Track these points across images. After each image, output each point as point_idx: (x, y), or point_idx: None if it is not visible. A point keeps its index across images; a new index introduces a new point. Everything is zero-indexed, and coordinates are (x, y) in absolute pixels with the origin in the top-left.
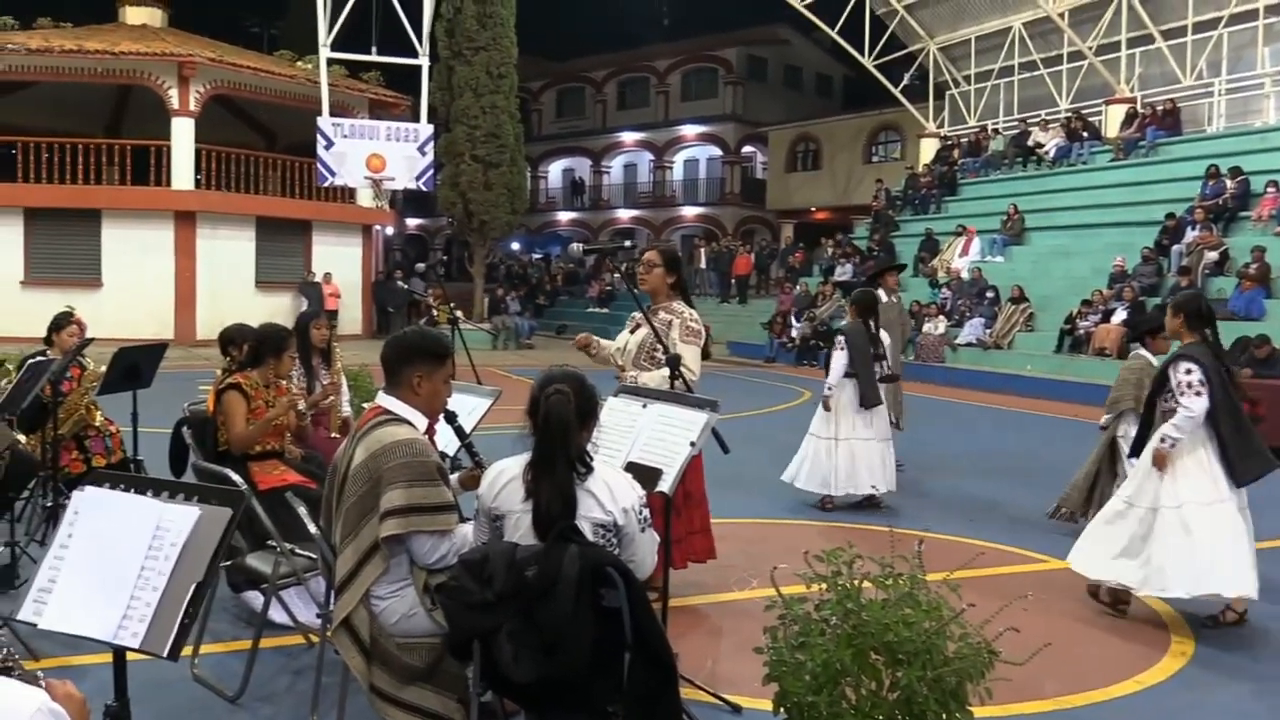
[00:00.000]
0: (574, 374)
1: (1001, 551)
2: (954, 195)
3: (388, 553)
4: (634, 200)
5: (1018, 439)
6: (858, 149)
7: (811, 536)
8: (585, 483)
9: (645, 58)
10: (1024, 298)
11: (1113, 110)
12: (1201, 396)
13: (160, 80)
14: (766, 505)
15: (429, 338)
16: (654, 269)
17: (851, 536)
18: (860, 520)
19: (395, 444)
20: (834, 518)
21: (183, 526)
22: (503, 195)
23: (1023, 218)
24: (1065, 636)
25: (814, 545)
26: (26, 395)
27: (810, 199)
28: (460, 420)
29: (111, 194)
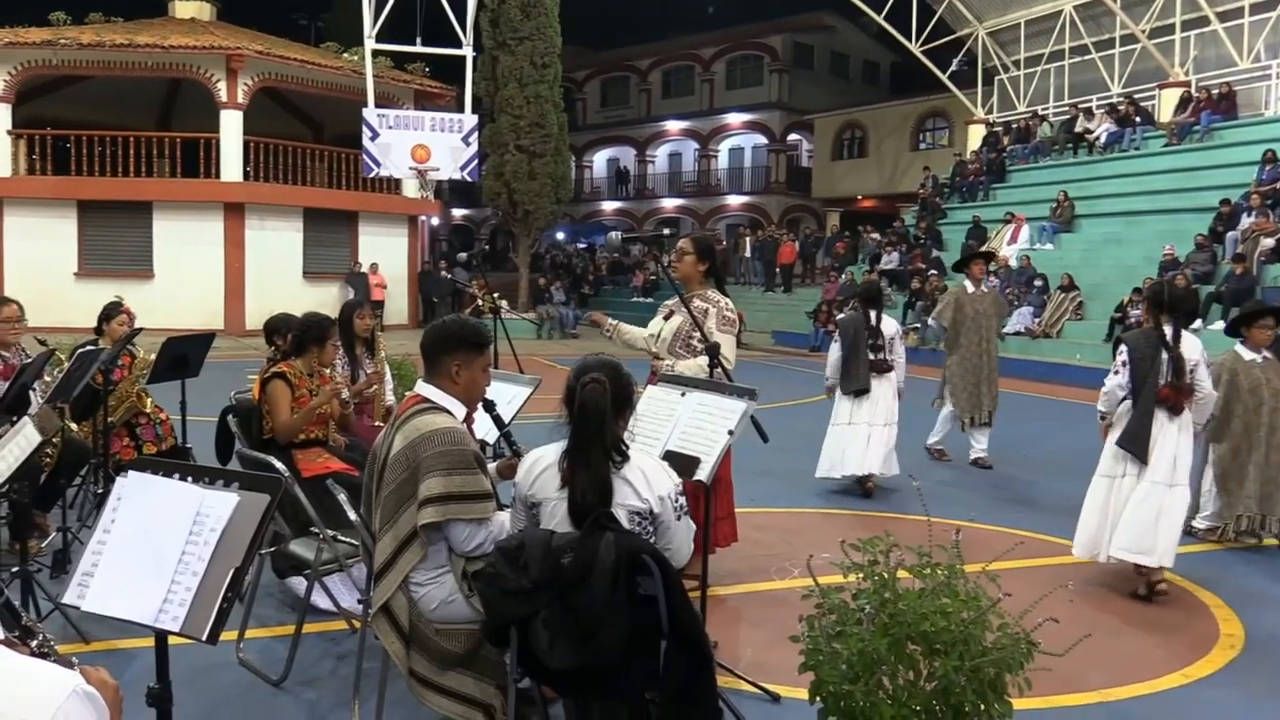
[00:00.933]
0: (610, 362)
1: (1044, 542)
2: (1003, 182)
3: (426, 540)
4: (679, 189)
5: (1065, 429)
6: (905, 136)
7: (849, 526)
8: (621, 470)
9: (690, 46)
10: (1073, 286)
11: (1166, 94)
12: (1117, 375)
13: (209, 73)
14: (805, 495)
15: (467, 326)
16: (685, 257)
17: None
18: (899, 510)
19: (433, 432)
20: (873, 507)
21: (222, 512)
22: (547, 185)
23: (1072, 204)
24: (1109, 627)
25: (851, 534)
26: (76, 384)
27: (856, 187)
28: (499, 409)
29: (162, 186)
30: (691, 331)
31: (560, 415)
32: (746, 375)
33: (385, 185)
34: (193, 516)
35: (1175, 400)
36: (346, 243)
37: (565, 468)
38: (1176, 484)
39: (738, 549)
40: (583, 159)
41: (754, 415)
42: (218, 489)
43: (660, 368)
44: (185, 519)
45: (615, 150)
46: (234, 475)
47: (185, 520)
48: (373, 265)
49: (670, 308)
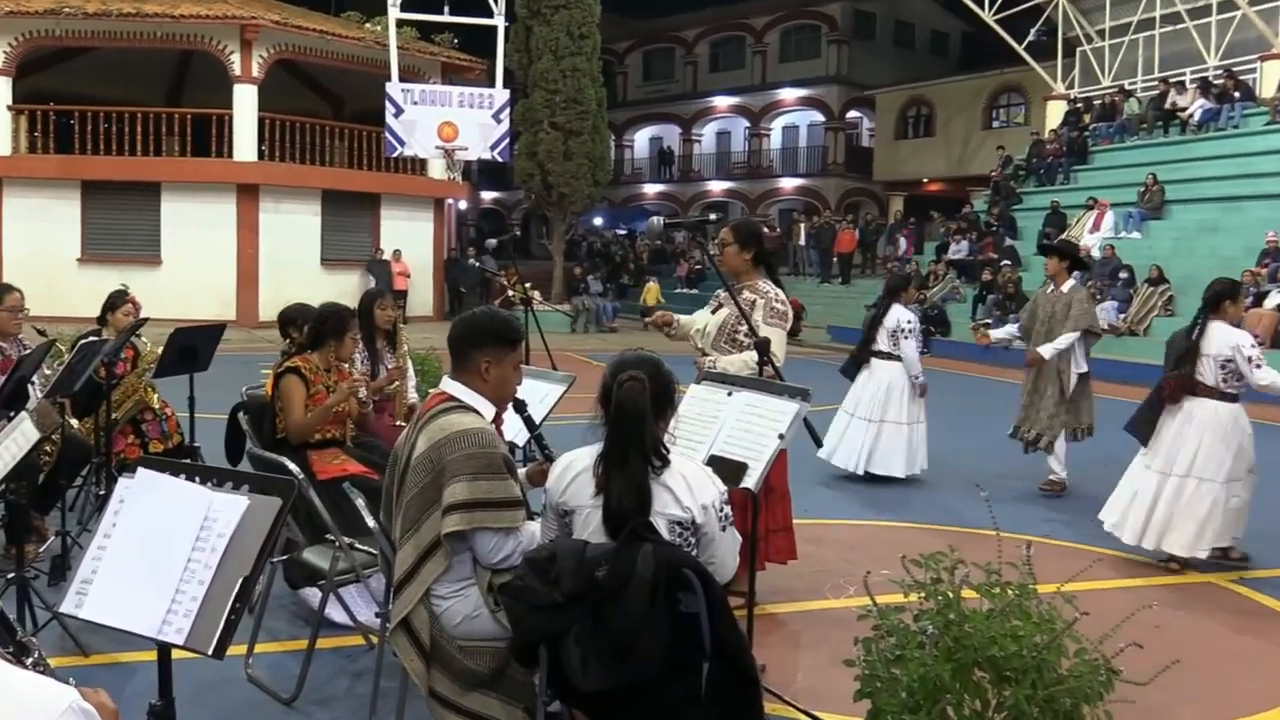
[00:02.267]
0: (649, 358)
1: (1125, 560)
2: (1084, 164)
3: (450, 550)
4: (727, 171)
5: None
6: (976, 113)
7: (910, 539)
8: (661, 476)
9: (740, 15)
10: (1163, 278)
11: (1269, 67)
12: None
13: (222, 45)
14: (863, 505)
15: (499, 319)
16: (726, 248)
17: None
18: (965, 523)
19: (460, 433)
20: (937, 519)
21: (231, 516)
22: (584, 166)
23: (1162, 189)
24: (1202, 654)
25: (913, 549)
26: (78, 378)
27: (922, 169)
28: (530, 409)
29: (171, 166)
30: (738, 325)
31: (596, 416)
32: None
33: (409, 166)
34: (200, 520)
35: (1173, 391)
36: (367, 227)
37: (600, 473)
38: (1186, 476)
39: (789, 563)
40: (623, 138)
41: (807, 418)
42: (227, 491)
43: (704, 365)
44: (192, 523)
45: (658, 128)
46: (244, 477)
47: (192, 524)
48: (395, 252)
49: (720, 299)
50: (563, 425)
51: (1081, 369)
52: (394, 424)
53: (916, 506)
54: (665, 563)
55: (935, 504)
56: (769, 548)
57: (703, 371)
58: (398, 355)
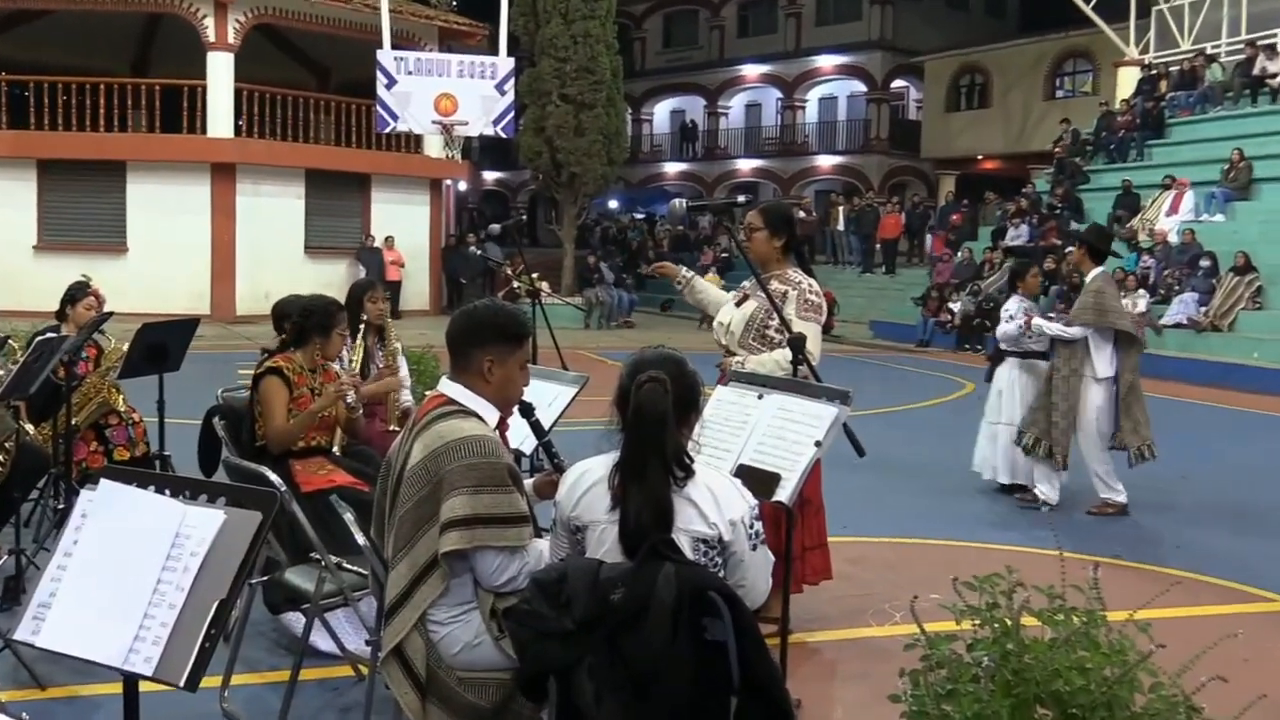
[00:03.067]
0: (672, 357)
1: (1206, 584)
2: (1160, 138)
3: (448, 571)
4: (757, 148)
5: (1236, 445)
6: (1037, 82)
7: (963, 560)
8: (684, 489)
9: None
10: (1250, 267)
11: None
12: None
13: (194, 8)
14: (911, 520)
15: (503, 313)
16: (755, 233)
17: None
18: (1025, 541)
19: (460, 441)
20: (993, 537)
21: (205, 533)
22: (598, 143)
23: (1250, 166)
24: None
25: (966, 571)
26: (35, 378)
27: (976, 145)
28: (538, 413)
29: (137, 143)
30: (768, 320)
31: (611, 421)
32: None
33: (403, 143)
34: (171, 537)
35: None
36: (357, 212)
37: (617, 485)
38: None
39: (827, 586)
40: (641, 111)
41: (847, 423)
42: (201, 504)
43: (731, 365)
44: (162, 540)
45: (680, 100)
46: (221, 488)
47: (162, 542)
48: (388, 239)
49: (745, 291)
50: (574, 431)
51: (1102, 374)
52: (386, 430)
53: (969, 523)
54: (689, 585)
55: (991, 520)
56: (803, 568)
57: (730, 372)
58: (388, 353)
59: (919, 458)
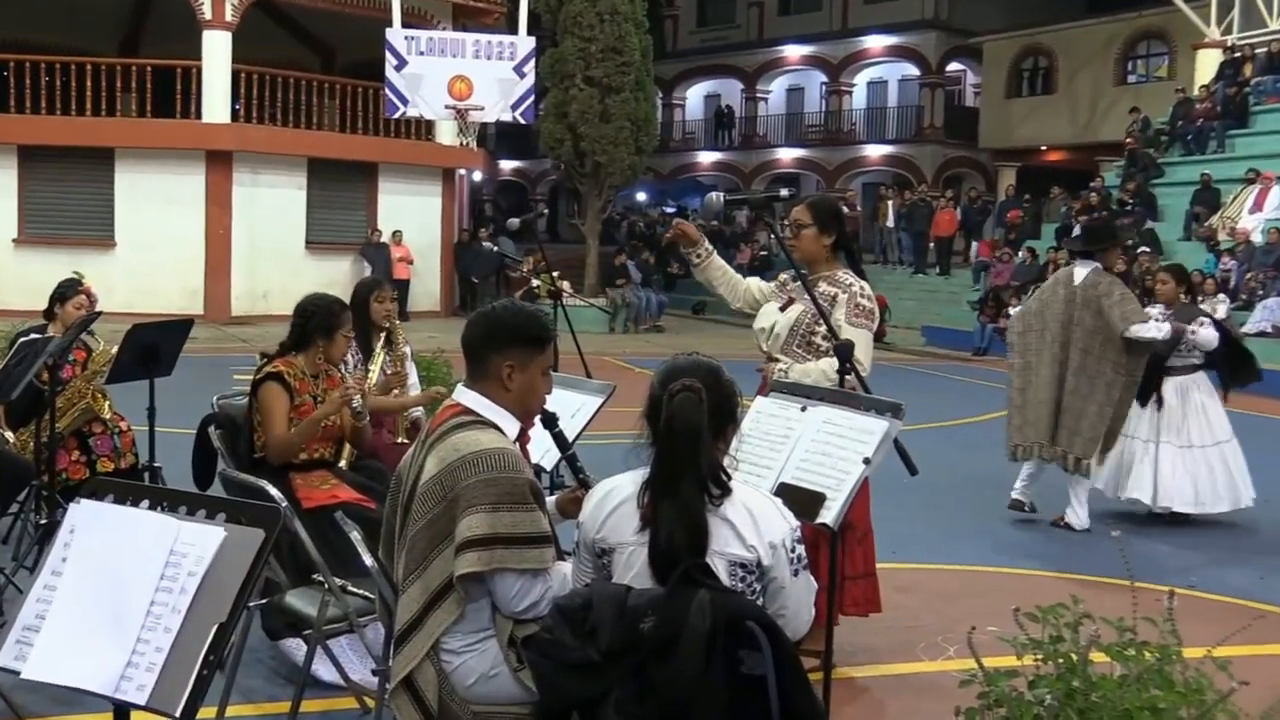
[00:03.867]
0: (707, 364)
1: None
2: (1243, 128)
3: (464, 595)
4: (799, 136)
5: None
6: (1107, 66)
7: (1024, 588)
8: (720, 509)
9: None
10: None
11: None
12: None
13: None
14: (968, 545)
15: (523, 315)
16: (802, 230)
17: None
18: (1092, 569)
19: (477, 455)
20: (1056, 564)
21: (203, 551)
22: (625, 129)
23: None
24: None
25: (1027, 600)
26: (17, 382)
27: (1039, 134)
28: (561, 425)
29: (126, 128)
30: (814, 325)
31: (640, 434)
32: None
33: (414, 129)
34: (166, 555)
35: None
36: (362, 204)
37: (646, 504)
38: None
39: (874, 617)
40: (672, 95)
41: (898, 438)
42: (199, 520)
43: (772, 373)
44: (156, 559)
45: (715, 84)
46: (219, 503)
47: (156, 561)
48: (396, 234)
49: (789, 293)
50: (600, 445)
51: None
52: (394, 442)
53: (1031, 548)
54: (724, 613)
55: (1054, 545)
56: (848, 597)
57: (771, 381)
58: (395, 358)
59: (976, 477)
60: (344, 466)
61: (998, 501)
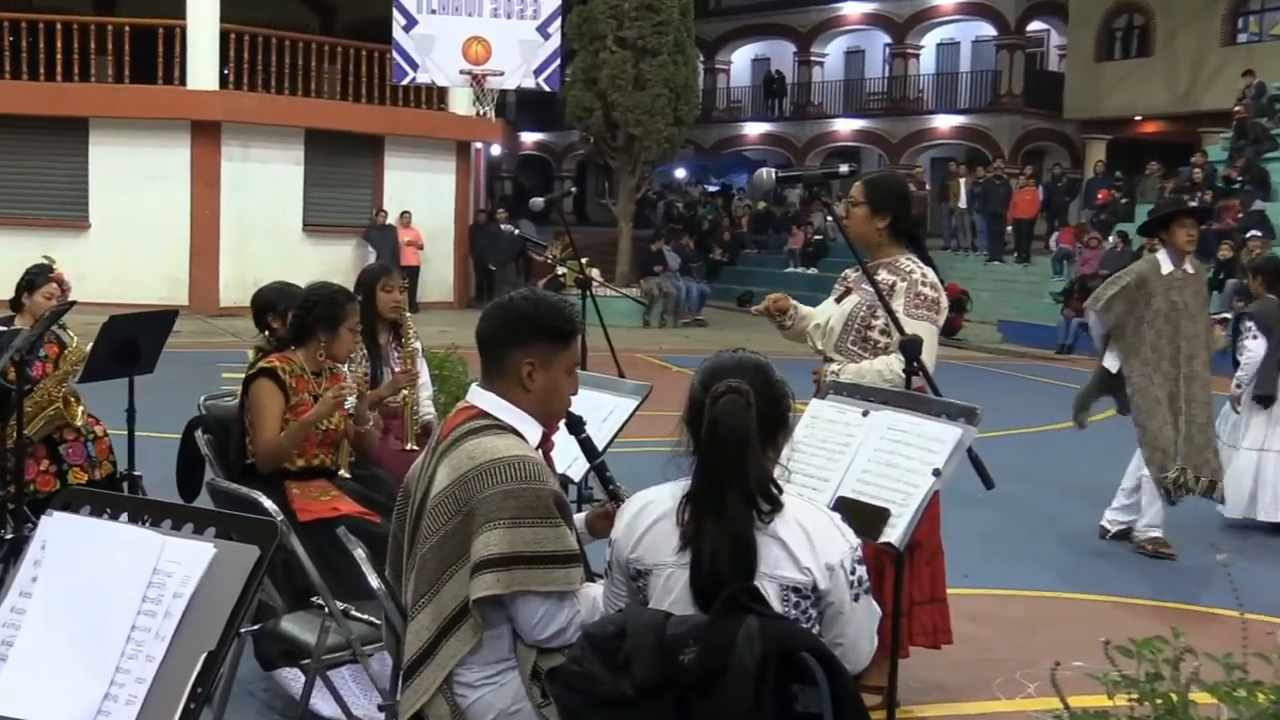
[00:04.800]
0: (755, 363)
1: None
2: None
3: (480, 621)
4: (859, 105)
5: None
6: (1213, 24)
7: (1115, 618)
8: (770, 526)
9: None
10: None
11: None
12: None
13: None
14: (1051, 569)
15: (546, 305)
16: (855, 209)
17: (1179, 621)
18: (1193, 598)
19: (494, 463)
20: (1153, 592)
21: (190, 571)
22: (662, 98)
23: None
24: None
25: (1119, 632)
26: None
27: (1134, 103)
28: (590, 430)
29: (102, 96)
30: (871, 318)
31: (680, 441)
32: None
33: (424, 98)
34: (148, 575)
35: None
36: (367, 181)
37: (687, 520)
38: None
39: (944, 649)
40: (716, 59)
41: (972, 447)
42: (185, 536)
43: (827, 373)
44: (137, 579)
45: (764, 46)
46: (208, 516)
47: (138, 581)
48: (404, 215)
49: (848, 284)
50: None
51: None
52: (403, 449)
53: (1122, 573)
54: (775, 644)
55: (1150, 570)
56: (915, 625)
57: (828, 382)
58: (405, 354)
59: (1059, 491)
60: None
61: (1084, 519)
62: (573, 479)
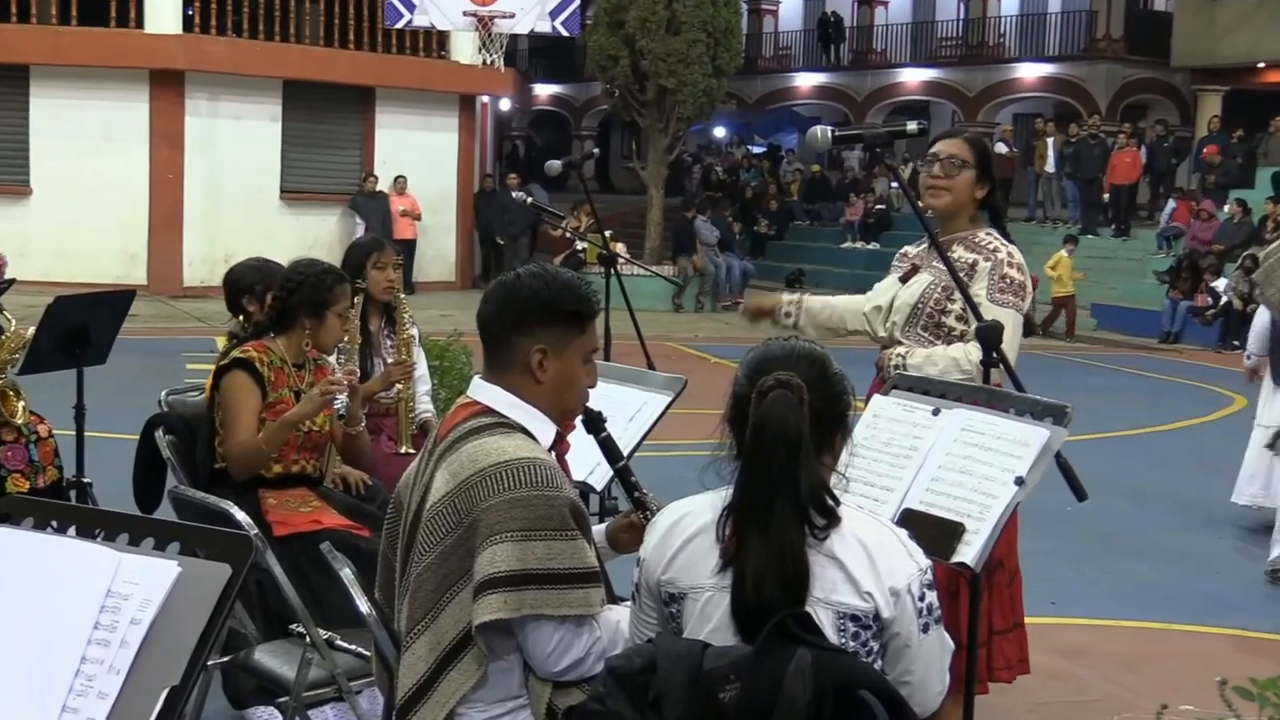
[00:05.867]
0: (810, 353)
1: None
2: None
3: (485, 651)
4: (928, 53)
5: None
6: None
7: (1229, 655)
8: (826, 543)
9: None
10: None
11: None
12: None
13: None
14: (1153, 595)
15: (557, 284)
16: (961, 171)
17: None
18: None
19: (499, 467)
20: (1277, 623)
21: (150, 593)
22: (699, 44)
23: None
24: None
25: (1236, 669)
26: None
27: (1254, 47)
28: (614, 431)
29: (45, 40)
30: (946, 300)
31: (721, 443)
32: (1043, 381)
33: (422, 44)
34: (101, 599)
35: None
36: (355, 141)
37: (729, 536)
38: None
39: (1028, 688)
40: (762, 1)
41: (1061, 452)
42: (145, 553)
43: (890, 363)
44: (88, 603)
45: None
46: (172, 530)
47: (89, 605)
48: (398, 180)
49: (912, 260)
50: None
51: None
52: (396, 452)
53: (1238, 601)
54: (830, 680)
55: (1272, 598)
56: (996, 657)
57: (892, 375)
58: (400, 342)
59: (1164, 504)
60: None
61: (1193, 538)
62: (594, 487)
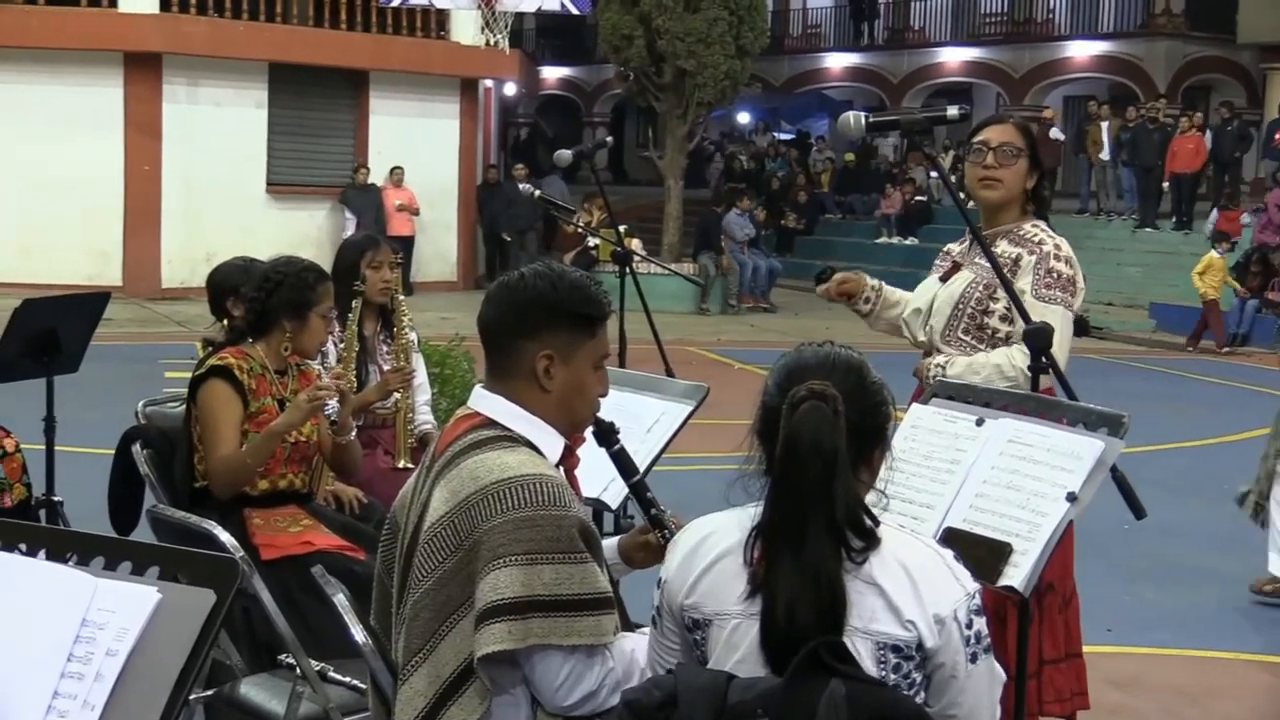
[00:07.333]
0: (846, 360)
1: None
2: None
3: (489, 685)
4: (971, 31)
5: None
6: None
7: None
8: (864, 566)
9: None
10: None
11: None
12: None
13: None
14: (1219, 623)
15: (565, 284)
16: (1015, 160)
17: None
18: None
19: (503, 484)
20: None
21: (128, 621)
22: (721, 22)
23: None
24: None
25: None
26: None
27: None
28: (631, 444)
29: (10, 20)
30: (989, 300)
31: (750, 457)
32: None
33: (420, 23)
34: (75, 628)
35: None
36: (347, 129)
37: (758, 558)
38: None
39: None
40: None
41: (1117, 466)
42: (122, 577)
43: (931, 367)
44: (62, 632)
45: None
46: (152, 553)
47: (62, 634)
48: (394, 172)
49: (954, 257)
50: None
51: None
52: (394, 466)
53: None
54: (868, 715)
55: None
56: (1048, 689)
57: (933, 382)
58: (398, 348)
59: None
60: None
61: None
62: (609, 506)
